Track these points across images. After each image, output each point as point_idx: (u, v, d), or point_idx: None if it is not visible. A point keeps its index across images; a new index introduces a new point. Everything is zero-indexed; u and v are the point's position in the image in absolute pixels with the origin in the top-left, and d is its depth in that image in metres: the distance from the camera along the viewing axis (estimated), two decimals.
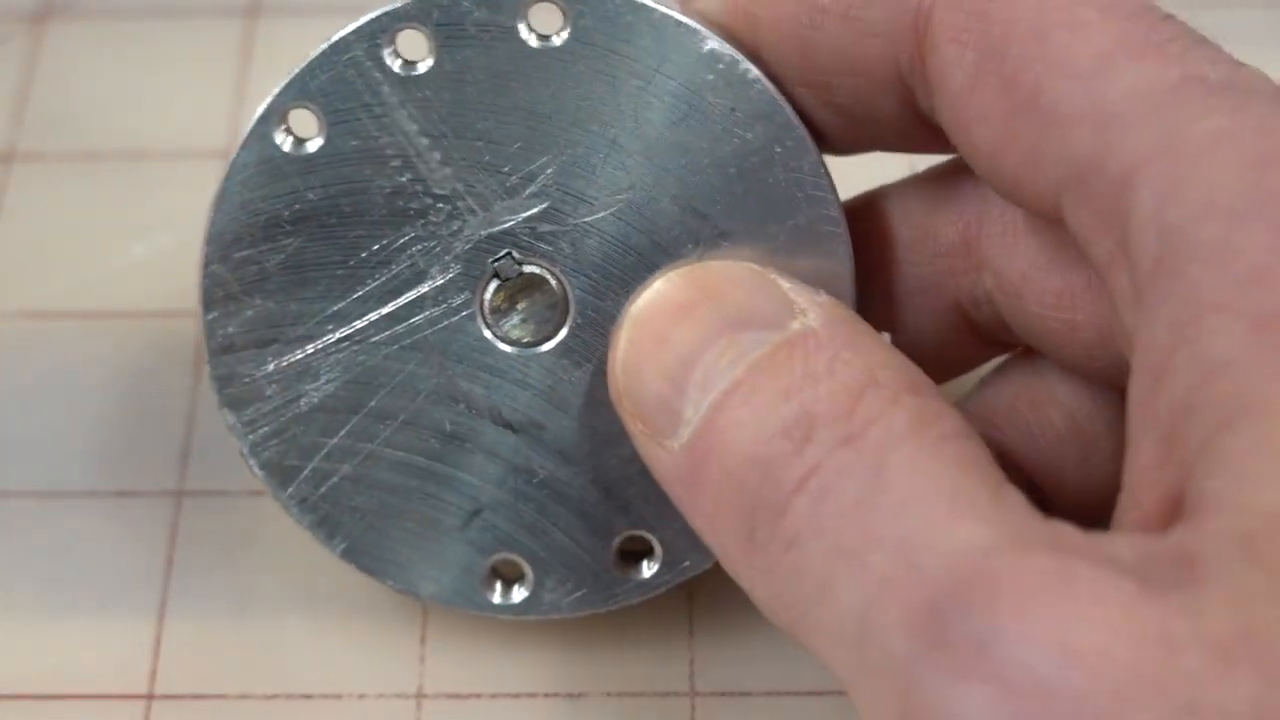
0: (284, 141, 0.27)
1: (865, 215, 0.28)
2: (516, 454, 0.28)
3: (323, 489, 0.28)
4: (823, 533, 0.22)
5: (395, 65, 0.26)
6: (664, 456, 0.25)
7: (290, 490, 0.28)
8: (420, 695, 0.30)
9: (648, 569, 0.28)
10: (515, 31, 0.26)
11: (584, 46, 0.26)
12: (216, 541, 0.32)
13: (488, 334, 0.27)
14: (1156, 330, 0.21)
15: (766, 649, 0.30)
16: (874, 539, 0.21)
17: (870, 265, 0.28)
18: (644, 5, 0.26)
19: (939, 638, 0.20)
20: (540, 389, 0.27)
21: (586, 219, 0.27)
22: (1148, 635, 0.19)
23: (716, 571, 0.28)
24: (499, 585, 0.29)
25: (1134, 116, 0.22)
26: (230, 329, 0.27)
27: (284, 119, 0.27)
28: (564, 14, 0.26)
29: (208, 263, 0.27)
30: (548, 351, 0.27)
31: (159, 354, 0.35)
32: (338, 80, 0.26)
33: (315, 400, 0.28)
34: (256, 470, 0.28)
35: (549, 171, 0.27)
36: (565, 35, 0.26)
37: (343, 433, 0.28)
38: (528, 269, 0.27)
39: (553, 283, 0.27)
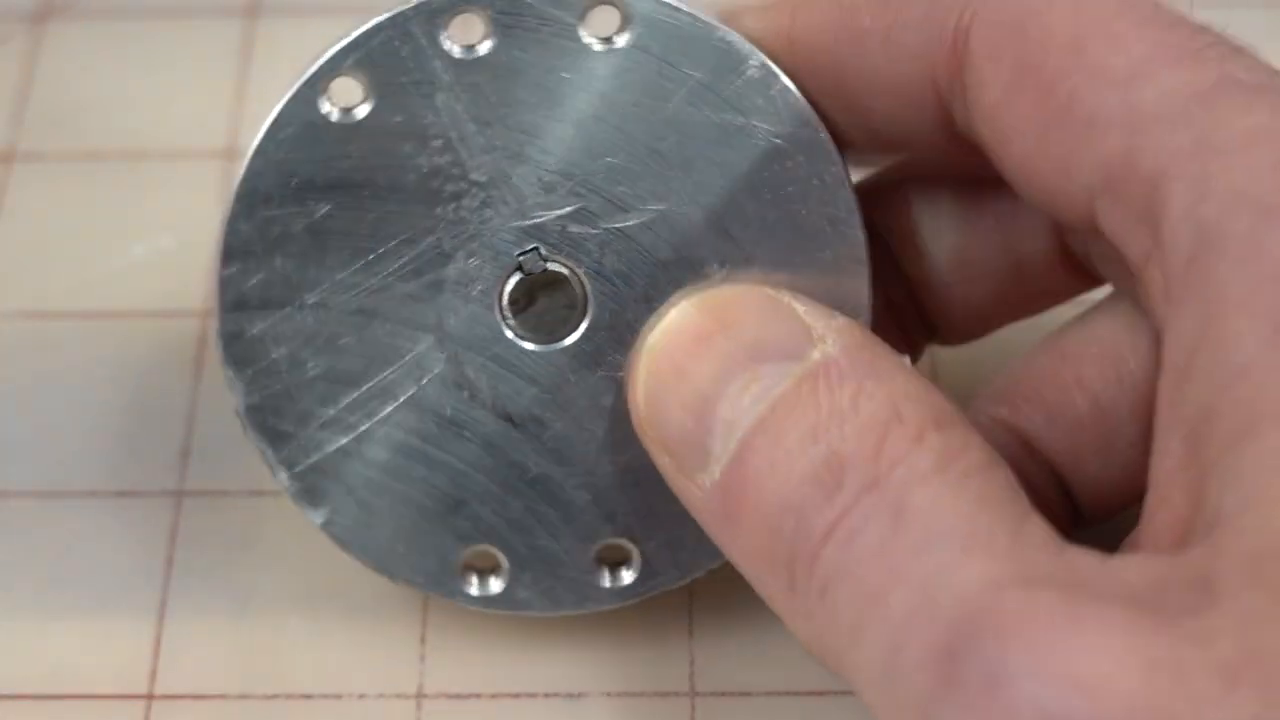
0: (326, 107, 0.26)
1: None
2: (513, 448, 0.28)
3: (313, 458, 0.28)
4: (849, 577, 0.22)
5: (451, 47, 0.26)
6: (695, 492, 0.25)
7: (281, 455, 0.28)
8: (420, 695, 0.30)
9: (625, 577, 0.28)
10: (574, 30, 0.26)
11: (640, 54, 0.26)
12: (216, 541, 0.32)
13: (502, 326, 0.27)
14: (1184, 326, 0.21)
15: (766, 649, 0.30)
16: (897, 579, 0.22)
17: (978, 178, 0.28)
18: (706, 21, 0.26)
19: (952, 675, 0.20)
20: (546, 387, 0.27)
21: (618, 225, 0.27)
22: (1154, 663, 0.19)
23: (716, 572, 0.28)
24: (475, 577, 0.29)
25: (1169, 116, 0.22)
26: (245, 286, 0.27)
27: (329, 84, 0.26)
28: (625, 18, 0.26)
29: (233, 217, 0.27)
30: (559, 351, 0.27)
31: (159, 354, 0.35)
32: (391, 53, 0.26)
33: (320, 368, 0.27)
34: (249, 431, 0.28)
35: (587, 171, 0.27)
36: (624, 39, 0.26)
37: (342, 404, 0.28)
38: (552, 266, 0.27)
39: (574, 284, 0.27)
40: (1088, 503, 0.29)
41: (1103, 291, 0.29)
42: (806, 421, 0.23)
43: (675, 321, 0.26)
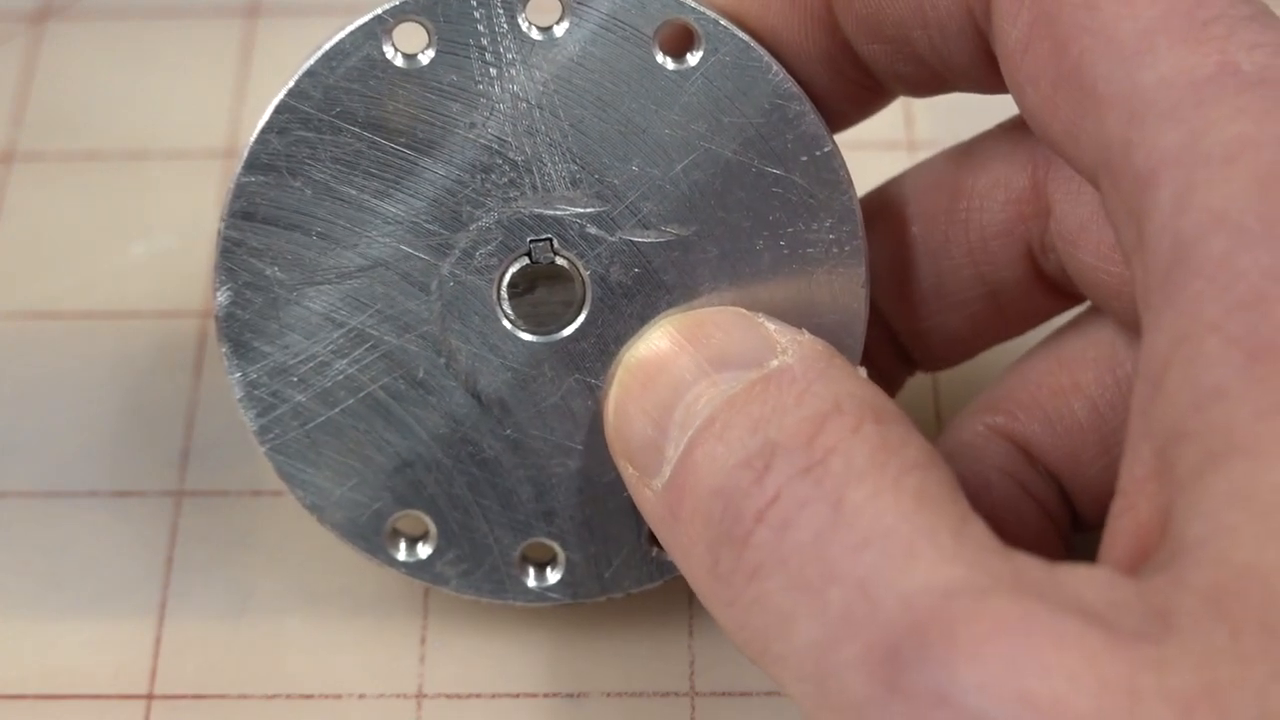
0: (387, 46, 0.26)
1: (947, 165, 0.28)
2: (473, 426, 0.28)
3: (276, 383, 0.28)
4: (784, 566, 0.22)
5: (526, 26, 0.26)
6: (650, 496, 0.25)
7: (245, 372, 0.28)
8: (420, 695, 0.30)
9: (547, 579, 0.29)
10: (646, 39, 0.26)
11: (704, 82, 0.26)
12: (216, 541, 0.32)
13: (496, 306, 0.27)
14: (1159, 339, 0.21)
15: None
16: (834, 575, 0.21)
17: (947, 212, 0.28)
18: (772, 66, 0.26)
19: (896, 684, 0.20)
20: (521, 375, 0.28)
21: (634, 239, 0.27)
22: (1109, 685, 0.19)
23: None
24: (402, 541, 0.29)
25: (1163, 111, 0.22)
26: (258, 198, 0.27)
27: (397, 24, 0.26)
28: (698, 39, 0.26)
29: (267, 127, 0.27)
30: (543, 344, 0.27)
31: (159, 354, 0.35)
32: (465, 14, 0.26)
33: (306, 297, 0.27)
34: (221, 341, 0.28)
35: (620, 179, 0.27)
36: (693, 61, 0.26)
37: (319, 339, 0.28)
38: (559, 261, 0.27)
39: (576, 283, 0.27)
40: (1086, 508, 0.29)
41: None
42: (751, 417, 0.24)
43: (650, 338, 0.26)
